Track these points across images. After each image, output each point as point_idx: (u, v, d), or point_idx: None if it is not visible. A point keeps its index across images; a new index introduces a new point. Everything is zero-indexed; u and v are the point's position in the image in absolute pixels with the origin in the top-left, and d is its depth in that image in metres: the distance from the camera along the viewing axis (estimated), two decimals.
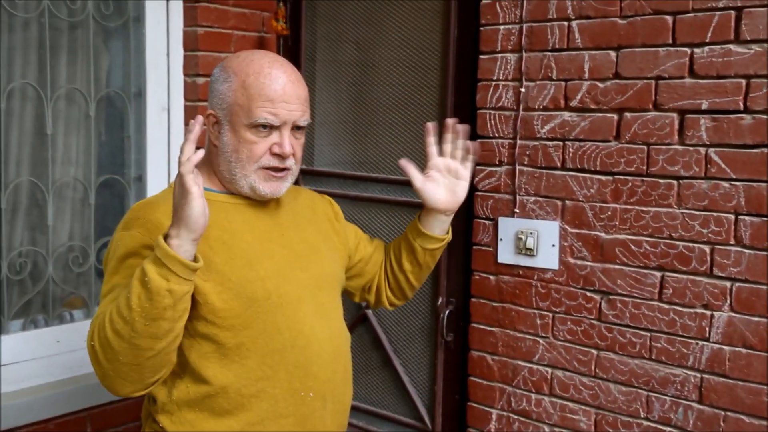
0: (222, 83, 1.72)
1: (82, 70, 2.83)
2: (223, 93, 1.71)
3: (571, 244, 2.32)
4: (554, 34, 2.32)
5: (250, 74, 1.69)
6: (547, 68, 2.34)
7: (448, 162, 1.96)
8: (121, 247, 1.64)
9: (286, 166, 1.72)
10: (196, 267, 1.49)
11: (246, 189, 1.72)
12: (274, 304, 1.68)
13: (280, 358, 1.68)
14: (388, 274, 2.07)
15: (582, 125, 2.29)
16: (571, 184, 2.32)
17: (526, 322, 2.43)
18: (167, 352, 1.55)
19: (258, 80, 1.68)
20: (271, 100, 1.67)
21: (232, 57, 1.76)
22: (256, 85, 1.68)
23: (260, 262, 1.70)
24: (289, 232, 1.81)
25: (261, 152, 1.70)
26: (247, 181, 1.71)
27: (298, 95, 1.71)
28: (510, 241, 2.44)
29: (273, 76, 1.69)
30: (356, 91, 2.98)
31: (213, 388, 1.65)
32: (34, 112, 2.72)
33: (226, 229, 1.70)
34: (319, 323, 1.75)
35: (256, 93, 1.68)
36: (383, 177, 2.89)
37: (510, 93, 2.42)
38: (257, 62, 1.71)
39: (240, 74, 1.70)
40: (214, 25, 3.00)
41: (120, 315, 1.48)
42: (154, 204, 1.69)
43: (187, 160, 1.45)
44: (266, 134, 1.69)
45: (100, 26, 2.87)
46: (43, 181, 2.74)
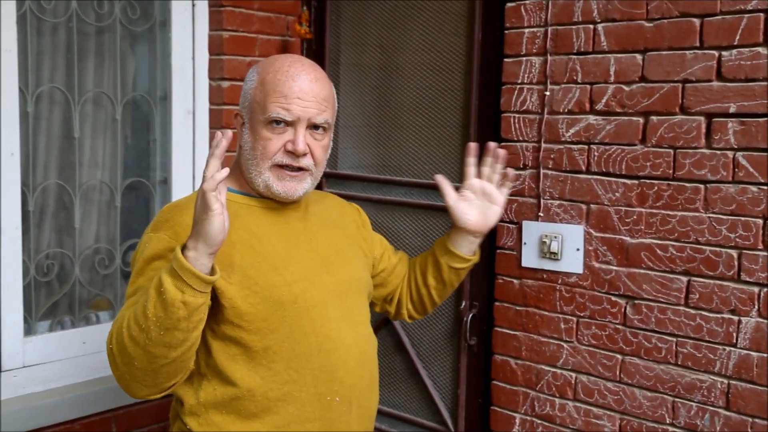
0: (247, 83, 1.75)
1: (108, 74, 2.85)
2: (247, 92, 1.74)
3: (596, 248, 2.31)
4: (579, 37, 2.31)
5: (270, 72, 1.71)
6: (573, 71, 2.33)
7: (484, 184, 1.98)
8: (148, 249, 1.64)
9: (300, 165, 1.71)
10: (211, 280, 1.49)
11: (262, 187, 1.72)
12: (301, 308, 1.68)
13: (306, 363, 1.68)
14: (411, 287, 2.07)
15: (607, 129, 2.27)
16: (596, 188, 2.30)
17: (550, 327, 2.41)
18: (182, 360, 1.55)
19: (276, 77, 1.69)
20: (285, 95, 1.67)
21: (263, 59, 1.79)
22: (273, 82, 1.69)
23: (287, 266, 1.70)
24: (317, 236, 1.80)
25: (275, 149, 1.69)
26: (261, 179, 1.71)
27: (315, 93, 1.70)
28: (534, 245, 2.43)
29: (290, 73, 1.69)
30: (380, 94, 2.98)
31: (240, 391, 1.65)
32: (61, 115, 2.74)
33: (254, 233, 1.70)
34: (345, 328, 1.74)
35: (272, 89, 1.68)
36: (407, 180, 2.88)
37: (535, 96, 2.42)
38: (280, 61, 1.73)
39: (262, 73, 1.72)
40: (239, 29, 3.01)
41: (136, 322, 1.49)
42: (183, 207, 1.70)
43: (210, 177, 1.44)
44: (281, 131, 1.69)
45: (127, 30, 2.89)
46: (70, 184, 2.76)
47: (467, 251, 2.02)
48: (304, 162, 1.71)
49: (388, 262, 2.06)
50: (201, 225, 1.45)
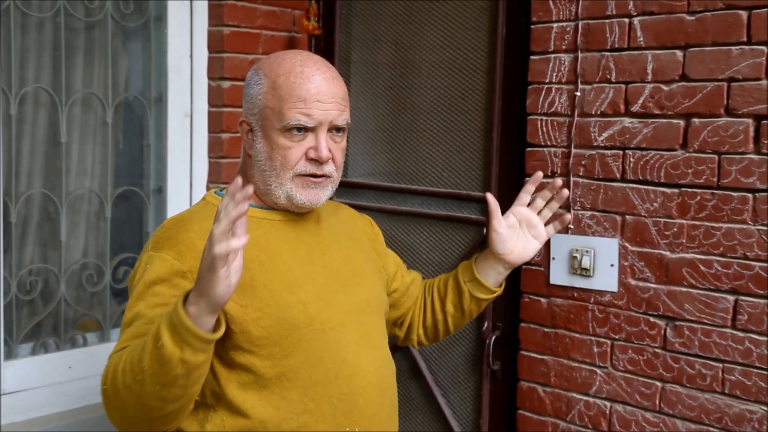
0: (253, 87, 1.73)
1: (99, 74, 2.86)
2: (254, 97, 1.72)
3: (632, 263, 2.30)
4: (613, 32, 2.31)
5: (281, 74, 1.69)
6: (606, 70, 2.33)
7: (532, 215, 2.02)
8: (149, 271, 1.63)
9: (324, 172, 1.72)
10: (213, 338, 1.46)
11: (282, 199, 1.72)
12: (317, 331, 1.68)
13: (323, 390, 1.67)
14: (426, 311, 2.08)
15: (644, 132, 2.27)
16: (632, 198, 2.30)
17: (581, 350, 2.40)
18: (178, 413, 1.54)
19: (289, 79, 1.68)
20: (303, 99, 1.67)
21: (264, 58, 1.78)
22: (286, 85, 1.68)
23: (301, 285, 1.70)
24: (332, 251, 1.80)
25: (296, 158, 1.69)
26: (283, 190, 1.71)
27: (333, 93, 1.71)
28: (563, 260, 2.43)
29: (305, 74, 1.69)
30: (394, 95, 2.98)
31: (251, 422, 1.64)
32: (47, 118, 2.75)
33: (264, 249, 1.69)
34: (364, 352, 1.74)
35: (287, 93, 1.68)
36: (424, 189, 2.88)
37: (564, 97, 2.41)
38: (289, 61, 1.72)
39: (270, 75, 1.71)
40: (241, 24, 3.02)
41: (132, 370, 1.47)
42: (186, 222, 1.70)
43: (223, 241, 1.37)
44: (301, 138, 1.69)
45: (119, 26, 2.91)
46: (56, 193, 2.76)
47: (494, 282, 2.04)
48: (327, 169, 1.72)
49: (402, 281, 2.06)
50: (205, 285, 1.41)
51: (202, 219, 1.68)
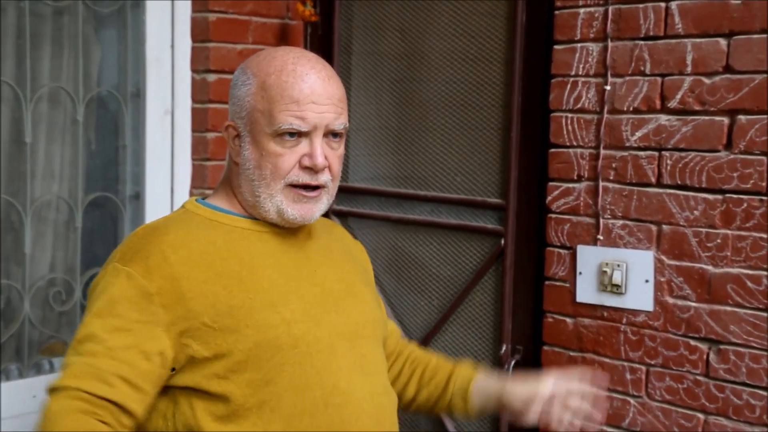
0: (240, 87, 1.73)
1: (68, 65, 2.85)
2: (242, 99, 1.71)
3: (670, 279, 2.29)
4: (648, 17, 2.30)
5: (271, 73, 1.69)
6: (639, 60, 2.32)
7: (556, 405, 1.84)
8: (113, 288, 1.62)
9: (319, 182, 1.71)
10: None
11: (272, 213, 1.71)
12: (303, 354, 1.66)
13: (310, 421, 1.65)
14: (397, 381, 2.01)
15: (683, 131, 2.26)
16: (669, 205, 2.29)
17: (612, 377, 2.39)
18: None
19: (280, 79, 1.68)
20: (296, 101, 1.66)
21: (253, 56, 1.77)
22: (278, 85, 1.67)
23: (286, 303, 1.68)
24: (323, 268, 1.79)
25: (288, 166, 1.68)
26: (273, 202, 1.70)
27: (330, 94, 1.70)
28: (592, 276, 2.43)
29: (298, 72, 1.68)
30: (401, 89, 2.98)
31: None
32: (9, 115, 2.74)
33: (245, 263, 1.68)
34: (358, 377, 1.73)
35: (278, 94, 1.67)
36: (434, 195, 2.88)
37: (592, 91, 2.41)
38: (280, 58, 1.71)
39: (259, 74, 1.70)
40: (228, 10, 3.01)
41: None
42: (161, 231, 1.68)
43: None
44: (294, 144, 1.68)
45: (91, 12, 2.90)
46: (19, 199, 2.75)
47: (478, 407, 1.95)
48: (322, 178, 1.71)
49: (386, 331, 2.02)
50: None
51: (178, 228, 1.67)
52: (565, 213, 2.47)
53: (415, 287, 2.94)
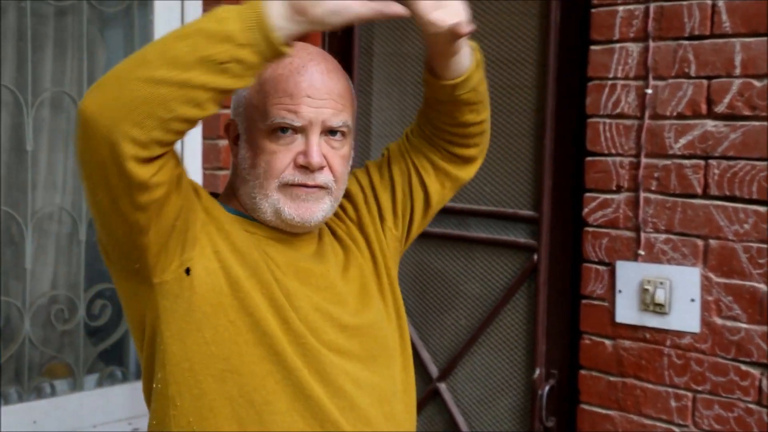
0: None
1: (72, 68, 2.87)
2: (239, 94, 1.73)
3: (718, 298, 2.28)
4: (693, 16, 2.31)
5: (268, 68, 1.67)
6: (683, 62, 2.32)
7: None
8: None
9: (317, 182, 1.70)
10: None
11: (269, 215, 1.71)
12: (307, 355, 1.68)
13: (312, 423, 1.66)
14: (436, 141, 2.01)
15: (732, 138, 2.26)
16: (716, 217, 2.28)
17: (656, 404, 2.38)
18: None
19: (276, 72, 1.68)
20: (290, 95, 1.67)
21: None
22: (272, 78, 1.68)
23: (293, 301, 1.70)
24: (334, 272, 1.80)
25: (283, 165, 1.68)
26: (269, 202, 1.70)
27: (329, 89, 1.70)
28: (632, 294, 2.43)
29: (295, 65, 1.68)
30: None
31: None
32: (10, 122, 2.76)
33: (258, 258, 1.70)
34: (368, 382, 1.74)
35: (272, 87, 1.67)
36: (461, 207, 2.88)
37: (632, 95, 2.41)
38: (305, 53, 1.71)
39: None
40: None
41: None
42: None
43: None
44: (289, 141, 1.68)
45: (96, 12, 2.92)
46: (19, 211, 2.77)
47: (457, 69, 1.88)
48: (320, 179, 1.70)
49: (381, 175, 1.96)
50: None
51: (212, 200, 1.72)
52: (603, 226, 2.47)
53: (441, 306, 2.93)
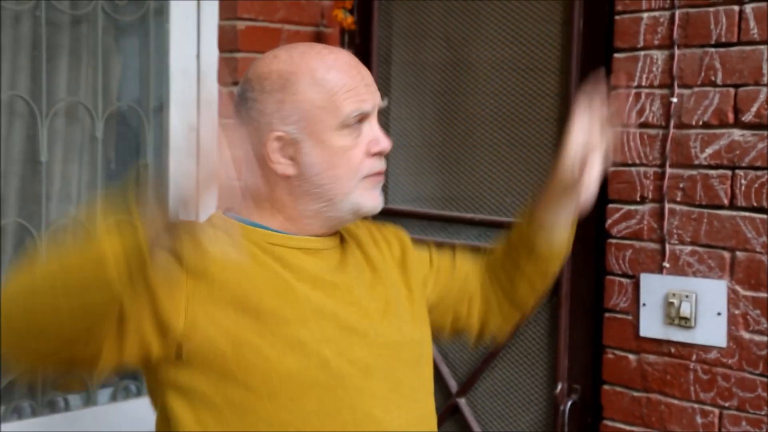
0: (279, 92, 1.71)
1: (86, 78, 2.88)
2: (289, 102, 1.71)
3: (746, 311, 2.28)
4: (719, 22, 2.30)
5: (316, 68, 1.71)
6: (710, 69, 2.32)
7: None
8: None
9: (384, 168, 1.77)
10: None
11: (347, 212, 1.74)
12: (334, 376, 1.67)
13: None
14: (498, 276, 2.01)
15: (759, 147, 2.25)
16: (744, 229, 2.28)
17: (681, 421, 2.38)
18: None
19: (330, 72, 1.71)
20: (353, 87, 1.71)
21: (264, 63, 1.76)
22: (330, 78, 1.71)
23: (318, 321, 1.69)
24: (358, 286, 1.80)
25: (361, 157, 1.72)
26: (349, 200, 1.72)
27: (367, 73, 1.78)
28: (657, 308, 2.43)
29: (341, 60, 1.74)
30: (445, 102, 2.99)
31: None
32: (24, 133, 2.76)
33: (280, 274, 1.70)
34: (395, 405, 1.73)
35: (336, 85, 1.70)
36: (482, 218, 2.88)
37: (656, 104, 2.42)
38: (309, 53, 1.74)
39: (301, 73, 1.71)
40: (258, 17, 3.03)
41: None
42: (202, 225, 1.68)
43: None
44: (357, 133, 1.72)
45: (112, 21, 2.92)
46: (33, 223, 2.77)
47: (566, 224, 1.92)
48: (384, 163, 1.78)
49: (440, 265, 2.01)
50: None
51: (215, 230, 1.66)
52: (626, 238, 2.47)
53: None
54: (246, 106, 1.72)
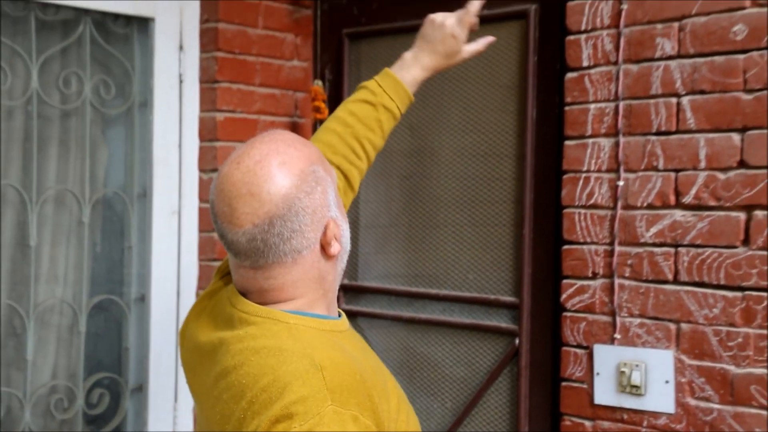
0: (318, 185, 1.56)
1: (75, 167, 2.88)
2: (325, 191, 1.57)
3: (691, 380, 2.26)
4: (659, 113, 2.32)
5: (309, 143, 1.61)
6: (652, 156, 2.33)
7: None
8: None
9: None
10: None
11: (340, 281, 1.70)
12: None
13: None
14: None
15: (699, 227, 2.26)
16: (687, 302, 2.28)
17: None
18: None
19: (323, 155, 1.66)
20: None
21: (289, 169, 1.53)
22: (319, 155, 1.63)
23: (399, 397, 1.63)
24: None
25: None
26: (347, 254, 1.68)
27: None
28: (610, 376, 2.41)
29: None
30: (411, 185, 3.00)
31: None
32: (15, 219, 2.76)
33: (376, 370, 1.60)
34: None
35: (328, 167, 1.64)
36: (446, 294, 2.87)
37: (605, 187, 2.42)
38: (302, 141, 1.61)
39: (312, 157, 1.57)
40: (236, 109, 3.06)
41: None
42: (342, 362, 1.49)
43: None
44: None
45: (99, 114, 2.94)
46: (22, 304, 2.75)
47: (413, 91, 2.10)
48: None
49: None
50: None
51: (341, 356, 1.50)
52: (580, 311, 2.46)
53: (428, 389, 2.90)
54: (302, 206, 1.52)
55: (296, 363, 1.40)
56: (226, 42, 3.02)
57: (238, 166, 1.50)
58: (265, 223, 1.47)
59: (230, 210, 1.49)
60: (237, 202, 1.48)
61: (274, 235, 1.48)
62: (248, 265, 1.53)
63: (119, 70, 2.97)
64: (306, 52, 3.23)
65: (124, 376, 2.98)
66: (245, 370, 1.44)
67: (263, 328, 1.50)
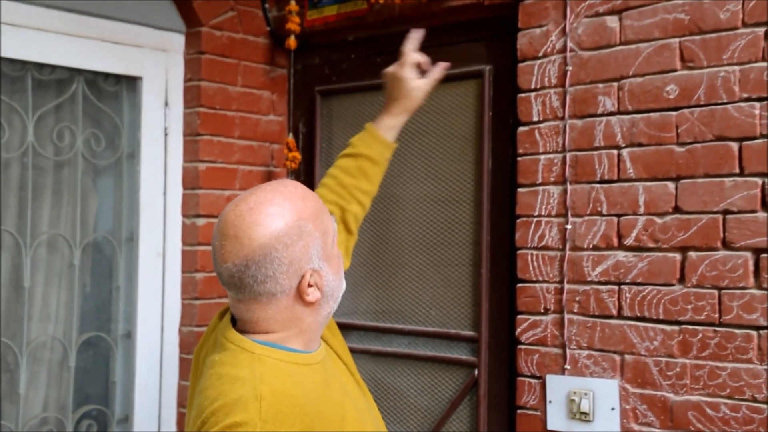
0: (301, 238, 1.56)
1: (67, 213, 2.87)
2: (311, 241, 1.57)
3: (635, 406, 2.27)
4: (602, 163, 2.35)
5: (307, 205, 1.59)
6: (596, 202, 2.35)
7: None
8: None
9: None
10: None
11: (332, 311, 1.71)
12: None
13: None
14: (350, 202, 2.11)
15: (639, 266, 2.27)
16: (630, 336, 2.28)
17: None
18: None
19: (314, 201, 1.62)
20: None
21: (266, 226, 1.53)
22: (319, 206, 1.63)
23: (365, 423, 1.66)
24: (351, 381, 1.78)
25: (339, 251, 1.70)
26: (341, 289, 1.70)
27: None
28: (561, 404, 2.40)
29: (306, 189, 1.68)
30: (377, 230, 3.00)
31: None
32: (10, 262, 2.75)
33: (334, 401, 1.61)
34: None
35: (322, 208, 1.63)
36: (410, 328, 2.87)
37: (554, 230, 2.43)
38: (293, 191, 1.60)
39: (307, 216, 1.58)
40: (217, 159, 3.06)
41: None
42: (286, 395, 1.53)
43: None
44: None
45: (90, 164, 2.94)
46: (16, 342, 2.72)
47: (393, 137, 2.14)
48: None
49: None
50: None
51: (288, 384, 1.54)
52: (534, 344, 2.45)
53: (394, 417, 2.89)
54: (284, 255, 1.54)
55: (242, 391, 1.47)
56: (208, 98, 3.03)
57: (234, 209, 1.55)
58: (242, 265, 1.52)
59: (219, 246, 1.55)
60: (225, 240, 1.54)
61: (249, 276, 1.52)
62: (233, 295, 1.59)
63: (109, 125, 2.97)
64: (281, 107, 3.25)
65: (111, 407, 2.95)
66: (207, 393, 1.50)
67: (232, 356, 1.56)
